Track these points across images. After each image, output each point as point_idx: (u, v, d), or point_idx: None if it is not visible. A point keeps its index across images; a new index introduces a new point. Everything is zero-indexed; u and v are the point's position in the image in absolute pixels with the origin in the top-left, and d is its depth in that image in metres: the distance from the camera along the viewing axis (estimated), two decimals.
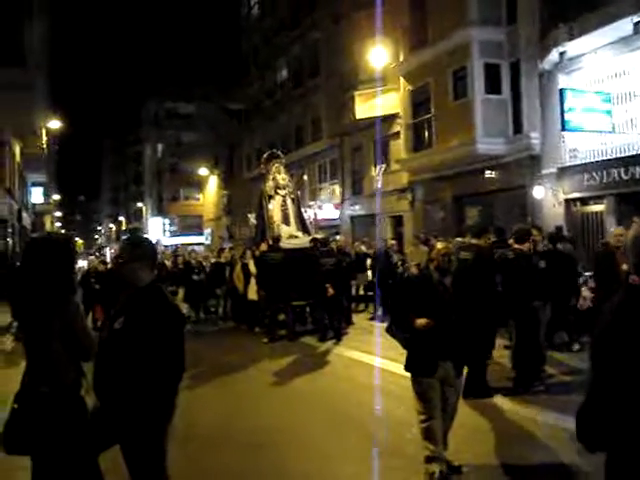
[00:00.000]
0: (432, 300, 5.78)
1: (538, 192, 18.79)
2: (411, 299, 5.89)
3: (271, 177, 17.77)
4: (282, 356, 12.60)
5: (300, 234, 16.96)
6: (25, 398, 4.00)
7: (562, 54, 17.32)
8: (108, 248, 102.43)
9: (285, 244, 15.76)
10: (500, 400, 8.41)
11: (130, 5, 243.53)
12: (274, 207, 17.29)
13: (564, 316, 11.32)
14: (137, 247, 4.25)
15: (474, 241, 9.86)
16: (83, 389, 4.15)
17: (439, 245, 6.34)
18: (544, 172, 18.73)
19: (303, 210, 19.25)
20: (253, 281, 15.91)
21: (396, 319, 6.23)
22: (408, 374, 5.92)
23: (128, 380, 3.83)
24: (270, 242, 15.56)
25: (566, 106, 15.99)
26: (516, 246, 9.31)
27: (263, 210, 17.42)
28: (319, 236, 16.86)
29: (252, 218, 19.75)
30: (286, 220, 17.19)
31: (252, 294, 15.88)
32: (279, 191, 17.47)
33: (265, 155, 19.60)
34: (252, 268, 16.05)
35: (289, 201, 17.50)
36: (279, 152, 19.92)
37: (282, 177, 17.75)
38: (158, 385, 3.84)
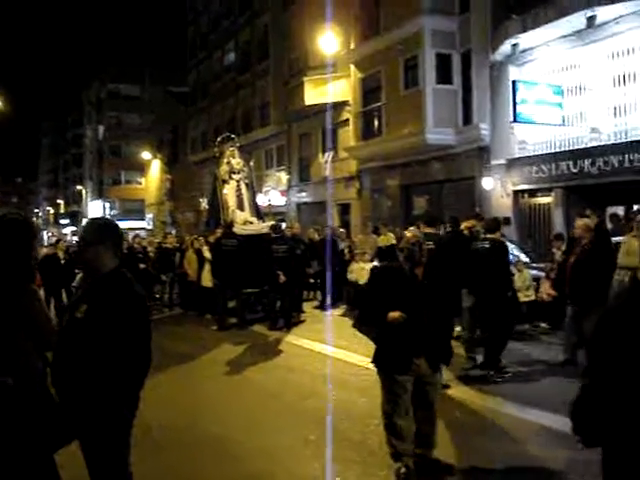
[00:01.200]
0: (403, 292, 5.46)
1: (487, 183, 18.89)
2: (381, 291, 5.55)
3: (225, 161, 17.29)
4: (233, 345, 12.32)
5: (255, 220, 16.60)
6: None
7: (514, 46, 17.40)
8: (46, 232, 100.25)
9: (240, 230, 15.37)
10: (461, 391, 8.31)
11: None
12: (228, 192, 16.84)
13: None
14: (102, 229, 3.92)
15: (430, 230, 9.76)
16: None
17: (408, 234, 6.02)
18: (493, 163, 18.83)
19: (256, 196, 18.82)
20: (207, 267, 15.55)
21: (365, 312, 5.83)
22: (364, 364, 5.68)
23: (90, 373, 3.54)
24: (224, 228, 15.19)
25: (518, 98, 16.05)
26: (489, 236, 9.30)
27: (217, 195, 16.99)
28: (275, 223, 16.47)
29: (204, 203, 19.32)
30: (241, 205, 16.75)
31: (206, 281, 15.51)
32: (233, 176, 16.99)
33: (219, 138, 19.23)
34: (207, 254, 15.70)
35: (243, 186, 17.05)
36: (233, 135, 19.50)
37: (237, 161, 17.25)
38: (123, 379, 3.57)
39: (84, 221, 75.46)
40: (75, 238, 46.21)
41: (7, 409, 3.55)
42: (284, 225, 20.92)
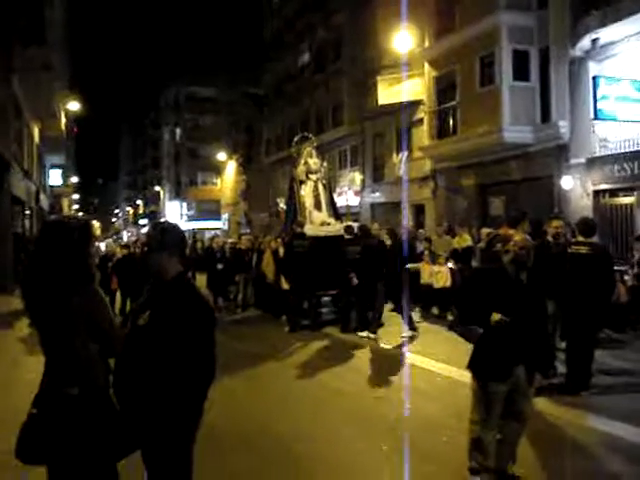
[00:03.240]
0: (506, 295, 5.19)
1: (566, 182, 18.33)
2: (482, 293, 5.28)
3: (302, 161, 17.03)
4: (304, 347, 12.24)
5: (332, 220, 16.30)
6: (48, 402, 3.57)
7: (594, 41, 16.85)
8: (125, 231, 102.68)
9: (313, 231, 15.19)
10: (540, 402, 7.67)
11: None
12: (306, 192, 16.64)
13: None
14: (166, 234, 3.85)
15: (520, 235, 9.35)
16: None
17: (517, 237, 5.58)
18: (572, 162, 18.25)
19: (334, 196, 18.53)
20: None
21: (466, 314, 5.65)
22: (438, 369, 5.44)
23: (153, 382, 3.48)
24: (297, 229, 15.04)
25: (599, 94, 15.53)
26: (588, 240, 8.66)
27: (294, 195, 16.78)
28: (352, 223, 16.22)
29: (281, 203, 19.21)
30: (318, 206, 16.52)
31: (285, 283, 15.27)
32: (311, 176, 16.74)
33: (296, 138, 19.05)
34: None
35: (320, 186, 16.80)
36: (310, 135, 19.35)
37: (314, 161, 16.95)
38: (187, 389, 3.49)
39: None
40: None
41: (71, 419, 3.49)
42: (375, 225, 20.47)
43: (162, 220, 14.61)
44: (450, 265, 15.50)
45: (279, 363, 11.03)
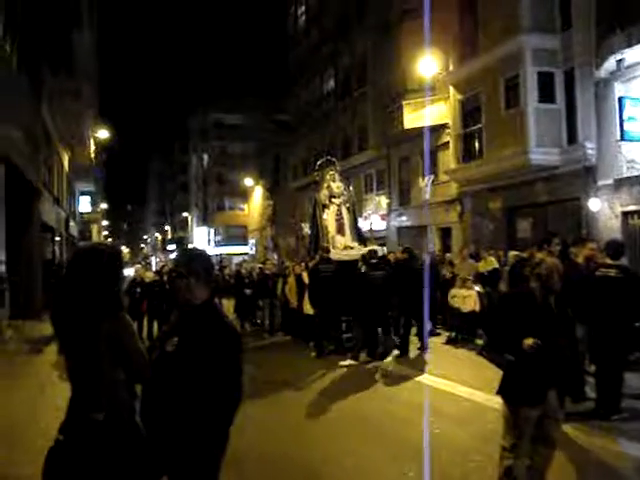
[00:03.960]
0: (536, 319, 5.16)
1: (594, 204, 18.19)
2: (512, 317, 5.26)
3: (325, 185, 17.04)
4: (330, 372, 12.17)
5: (356, 245, 16.23)
6: (74, 427, 3.58)
7: (619, 62, 16.79)
8: (154, 257, 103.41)
9: (337, 255, 15.12)
10: (570, 427, 7.50)
11: (179, 19, 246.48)
12: (329, 217, 16.61)
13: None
14: (194, 260, 3.90)
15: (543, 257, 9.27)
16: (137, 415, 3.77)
17: (546, 260, 5.52)
18: (600, 183, 18.12)
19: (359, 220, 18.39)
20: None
21: (496, 339, 5.62)
22: (463, 394, 5.38)
23: (181, 408, 3.50)
24: (322, 254, 14.92)
25: (625, 115, 15.46)
26: (616, 262, 8.53)
27: (317, 219, 16.72)
28: (376, 247, 15.87)
29: (306, 228, 19.17)
30: (341, 230, 16.47)
31: (308, 308, 15.21)
32: (334, 200, 16.72)
33: (319, 162, 19.12)
34: (306, 280, 15.55)
35: (344, 210, 16.75)
36: (333, 159, 19.36)
37: (337, 185, 16.93)
38: (213, 415, 3.50)
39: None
40: None
41: (97, 445, 3.49)
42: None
43: (189, 246, 14.66)
44: (477, 289, 15.39)
45: (304, 388, 10.99)
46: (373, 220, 31.22)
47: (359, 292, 13.37)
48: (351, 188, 17.74)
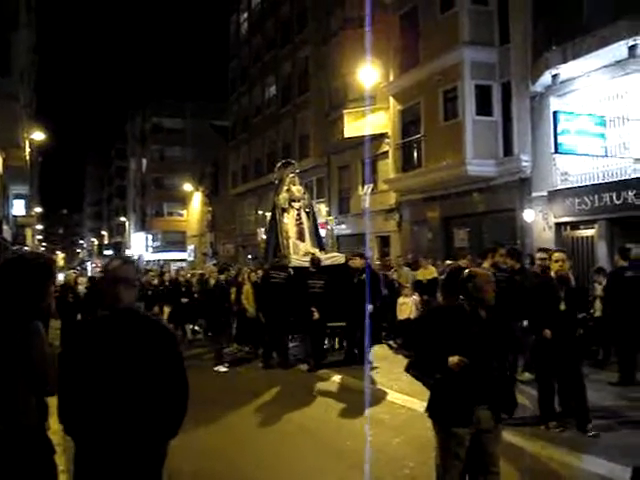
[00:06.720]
0: (464, 334, 4.80)
1: (528, 215, 18.58)
2: (438, 333, 4.89)
3: (285, 188, 16.40)
4: (273, 384, 11.94)
5: (317, 251, 15.56)
6: None
7: (555, 76, 17.15)
8: (90, 262, 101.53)
9: (298, 262, 14.52)
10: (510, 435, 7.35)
11: (120, 21, 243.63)
12: (289, 221, 16.03)
13: None
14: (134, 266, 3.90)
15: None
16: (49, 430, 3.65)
17: (480, 272, 5.25)
18: (534, 195, 18.53)
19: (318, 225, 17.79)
20: None
21: (420, 356, 5.06)
22: (400, 402, 5.25)
23: (118, 415, 3.44)
24: (278, 259, 14.40)
25: (559, 128, 15.76)
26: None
27: (276, 224, 16.11)
28: (314, 256, 14.83)
29: (261, 233, 18.58)
30: (301, 236, 15.94)
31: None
32: (293, 204, 16.17)
33: (279, 163, 18.68)
34: None
35: (304, 215, 16.22)
36: (293, 161, 18.82)
37: (297, 188, 16.42)
38: (157, 419, 3.48)
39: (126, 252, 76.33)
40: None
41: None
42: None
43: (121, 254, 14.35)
44: (415, 297, 15.50)
45: (246, 400, 10.73)
46: None
47: (301, 301, 13.26)
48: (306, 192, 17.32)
